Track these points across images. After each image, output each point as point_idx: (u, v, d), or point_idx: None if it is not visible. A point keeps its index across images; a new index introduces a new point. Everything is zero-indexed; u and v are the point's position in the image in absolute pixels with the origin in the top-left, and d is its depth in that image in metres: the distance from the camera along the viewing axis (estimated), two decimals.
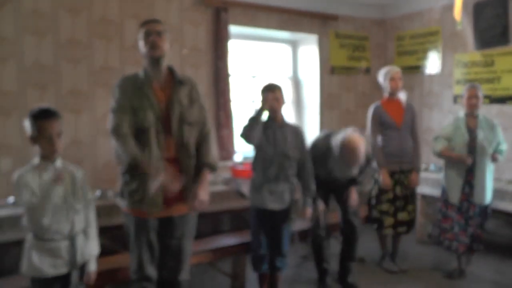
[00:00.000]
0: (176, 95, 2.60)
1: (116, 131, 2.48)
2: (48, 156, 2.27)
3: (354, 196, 3.71)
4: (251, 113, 3.21)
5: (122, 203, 2.65)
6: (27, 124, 2.26)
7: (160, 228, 2.66)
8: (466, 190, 3.87)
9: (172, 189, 2.47)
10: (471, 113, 3.89)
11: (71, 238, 2.31)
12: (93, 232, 2.48)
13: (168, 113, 2.58)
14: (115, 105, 2.53)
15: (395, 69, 4.17)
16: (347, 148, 3.31)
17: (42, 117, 2.23)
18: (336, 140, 3.42)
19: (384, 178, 3.99)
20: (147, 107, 2.52)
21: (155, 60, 2.57)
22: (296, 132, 3.38)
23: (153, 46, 2.53)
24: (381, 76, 4.21)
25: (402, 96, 4.19)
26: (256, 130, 3.17)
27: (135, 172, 2.50)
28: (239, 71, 5.36)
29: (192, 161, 2.66)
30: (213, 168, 2.71)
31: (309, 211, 3.42)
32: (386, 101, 4.17)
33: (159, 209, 2.55)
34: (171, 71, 2.69)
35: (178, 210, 2.65)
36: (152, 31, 2.56)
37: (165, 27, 2.64)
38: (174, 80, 2.65)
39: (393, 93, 4.12)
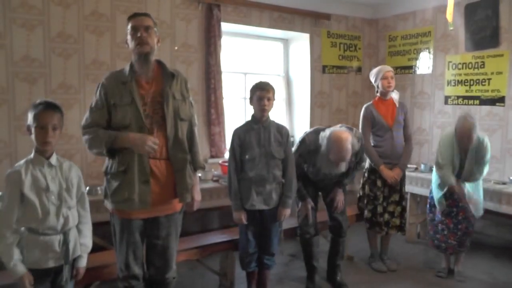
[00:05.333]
0: (169, 89, 2.55)
1: (87, 126, 2.51)
2: (40, 149, 2.26)
3: (339, 198, 3.70)
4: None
5: (108, 204, 2.62)
6: (29, 115, 2.27)
7: (145, 228, 2.64)
8: (456, 196, 3.82)
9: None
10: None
11: (64, 233, 2.30)
12: (87, 228, 2.48)
13: (156, 108, 2.53)
14: (93, 105, 2.53)
15: (387, 68, 4.11)
16: (334, 143, 3.29)
17: (41, 107, 2.24)
18: (324, 135, 3.41)
19: (387, 174, 3.98)
20: (127, 104, 2.47)
21: (143, 56, 2.50)
22: (281, 131, 3.33)
23: (140, 42, 2.46)
24: (373, 76, 4.16)
25: (394, 95, 4.15)
26: None
27: (116, 149, 2.46)
28: (230, 68, 5.35)
29: (188, 157, 2.65)
30: (203, 169, 2.91)
31: (287, 211, 3.32)
32: (378, 101, 4.13)
33: (147, 207, 2.51)
34: (160, 64, 2.64)
35: (163, 210, 2.62)
36: (139, 26, 2.48)
37: (153, 21, 2.56)
38: (164, 74, 2.60)
39: (385, 93, 4.08)
